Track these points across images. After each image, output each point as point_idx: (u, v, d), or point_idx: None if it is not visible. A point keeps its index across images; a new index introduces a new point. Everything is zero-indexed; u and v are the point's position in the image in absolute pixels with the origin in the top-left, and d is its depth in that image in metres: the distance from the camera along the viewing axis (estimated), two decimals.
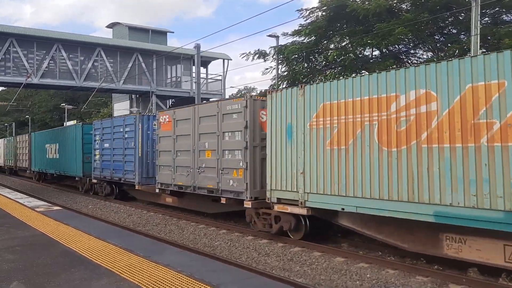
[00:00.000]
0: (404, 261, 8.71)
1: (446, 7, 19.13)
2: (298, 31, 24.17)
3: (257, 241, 10.87)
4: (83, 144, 21.90)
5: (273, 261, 9.17)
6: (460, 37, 20.34)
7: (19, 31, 26.80)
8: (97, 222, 13.18)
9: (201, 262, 8.26)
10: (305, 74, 24.47)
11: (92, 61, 28.54)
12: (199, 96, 24.52)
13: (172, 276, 5.88)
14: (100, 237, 8.56)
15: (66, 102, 51.56)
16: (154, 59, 30.72)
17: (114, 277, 5.80)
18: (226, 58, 33.65)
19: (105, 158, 19.49)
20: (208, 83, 34.14)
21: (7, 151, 40.42)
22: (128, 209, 17.18)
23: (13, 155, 37.40)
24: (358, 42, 21.62)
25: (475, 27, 14.91)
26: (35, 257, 6.97)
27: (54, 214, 12.26)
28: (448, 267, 8.20)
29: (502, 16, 19.90)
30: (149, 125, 17.23)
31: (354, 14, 20.24)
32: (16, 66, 26.19)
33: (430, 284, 7.34)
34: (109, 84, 28.92)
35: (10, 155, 39.24)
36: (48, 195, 22.49)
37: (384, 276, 7.82)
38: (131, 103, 34.27)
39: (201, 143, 13.08)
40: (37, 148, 30.28)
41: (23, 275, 6.02)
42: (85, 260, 6.75)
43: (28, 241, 8.23)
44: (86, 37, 30.27)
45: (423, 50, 23.10)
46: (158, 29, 38.17)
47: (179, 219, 14.38)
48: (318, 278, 7.95)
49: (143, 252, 7.43)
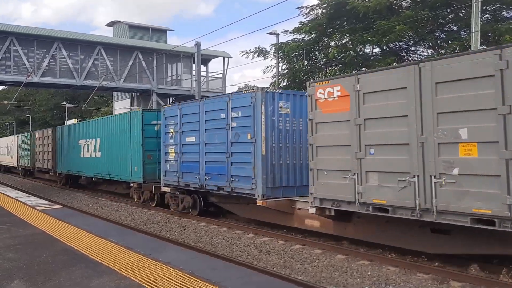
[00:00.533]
0: (405, 259, 8.71)
1: (447, 4, 19.09)
2: (298, 29, 24.11)
3: (258, 239, 10.88)
4: (144, 139, 16.66)
5: (274, 258, 9.18)
6: (461, 34, 20.30)
7: (19, 30, 26.75)
8: (98, 221, 13.20)
9: (202, 260, 8.27)
10: (306, 71, 24.45)
11: (92, 59, 28.49)
12: (199, 94, 24.48)
13: (172, 274, 5.89)
14: (101, 235, 8.58)
15: (67, 101, 51.57)
16: (154, 57, 30.67)
17: (115, 275, 5.81)
18: (226, 56, 33.60)
19: (188, 158, 14.07)
20: (209, 81, 34.09)
21: (22, 149, 35.33)
22: (129, 207, 17.19)
23: (30, 154, 32.04)
24: (358, 39, 21.57)
25: (475, 24, 14.87)
26: (36, 256, 6.98)
27: (55, 212, 12.28)
28: (449, 264, 8.20)
29: (503, 13, 19.85)
30: (275, 107, 11.52)
31: (354, 11, 20.18)
32: (16, 65, 26.15)
33: (431, 281, 7.34)
34: (109, 82, 28.88)
35: (25, 154, 34.12)
36: (49, 193, 22.52)
37: (385, 274, 7.83)
38: (132, 101, 34.25)
39: (449, 129, 7.11)
40: (66, 145, 25.70)
41: (24, 273, 6.03)
42: (86, 258, 6.76)
43: (29, 240, 8.25)
44: (86, 36, 30.23)
45: (424, 47, 23.07)
46: (158, 27, 38.11)
47: (180, 218, 14.39)
48: (319, 275, 7.95)
49: (144, 250, 7.44)
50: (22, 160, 35.30)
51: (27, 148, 33.37)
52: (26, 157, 33.77)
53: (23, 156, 34.85)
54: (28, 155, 32.81)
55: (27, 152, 33.14)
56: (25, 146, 34.11)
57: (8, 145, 42.02)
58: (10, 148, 40.11)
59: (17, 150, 36.97)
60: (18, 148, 36.60)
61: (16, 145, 37.17)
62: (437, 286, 7.14)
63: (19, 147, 36.41)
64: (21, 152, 35.31)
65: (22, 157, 35.07)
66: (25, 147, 33.88)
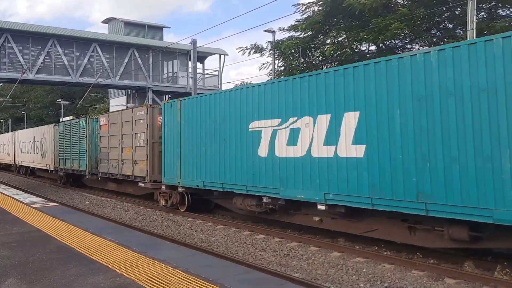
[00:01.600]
0: (400, 256, 8.74)
1: (442, 1, 19.13)
2: (294, 26, 24.13)
3: (254, 237, 10.89)
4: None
5: (270, 256, 9.19)
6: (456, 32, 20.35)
7: (14, 26, 26.60)
8: (93, 218, 13.15)
9: (198, 257, 8.26)
10: (302, 69, 24.46)
11: (88, 56, 28.39)
12: (195, 91, 24.44)
13: (168, 271, 5.88)
14: (96, 233, 8.55)
15: (62, 98, 51.33)
16: (150, 54, 30.59)
17: (110, 273, 5.79)
18: (223, 53, 33.56)
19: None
20: (205, 79, 34.04)
21: (63, 143, 24.05)
22: (125, 205, 17.15)
23: (89, 150, 20.82)
24: (354, 37, 21.61)
25: (471, 22, 14.91)
26: (31, 253, 6.95)
27: (50, 210, 12.23)
28: (444, 261, 8.24)
29: (498, 11, 19.92)
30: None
31: (350, 9, 20.20)
32: (11, 62, 26.01)
33: (426, 278, 7.37)
34: (105, 79, 28.78)
35: (71, 151, 22.74)
36: (45, 191, 22.42)
37: (380, 271, 7.85)
38: (127, 98, 34.16)
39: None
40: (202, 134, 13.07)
41: (19, 271, 6.00)
42: (81, 256, 6.74)
43: (24, 237, 8.21)
44: (81, 33, 30.08)
45: (420, 45, 23.12)
46: (154, 24, 38.02)
47: (175, 215, 14.38)
48: (314, 272, 7.97)
49: (140, 247, 7.42)
50: (62, 160, 24.13)
51: (76, 141, 22.10)
52: (73, 155, 22.44)
53: (65, 154, 23.60)
54: (81, 153, 21.45)
55: (77, 148, 21.88)
56: (71, 138, 22.85)
57: (34, 139, 29.89)
58: (40, 144, 28.44)
59: (51, 145, 25.86)
60: (56, 142, 25.30)
61: (52, 139, 25.78)
62: (432, 283, 7.16)
63: (58, 141, 24.84)
64: (62, 147, 24.08)
65: (64, 155, 23.67)
66: (72, 139, 22.61)
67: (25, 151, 32.27)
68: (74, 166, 22.43)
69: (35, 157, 29.60)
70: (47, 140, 26.95)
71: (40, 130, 29.09)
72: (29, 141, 31.15)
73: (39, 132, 29.21)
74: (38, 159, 28.62)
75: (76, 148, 22.07)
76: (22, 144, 33.14)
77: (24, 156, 32.64)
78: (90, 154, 20.87)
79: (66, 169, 23.68)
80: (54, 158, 25.39)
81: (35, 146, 29.58)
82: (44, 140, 27.62)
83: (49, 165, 26.34)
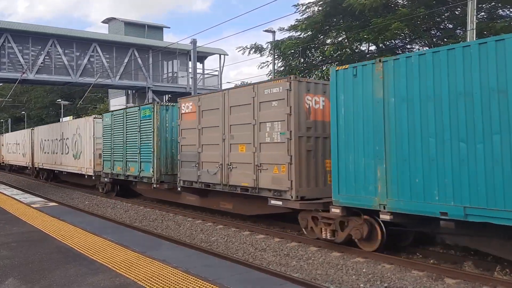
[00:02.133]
0: (400, 256, 8.74)
1: (442, 1, 19.14)
2: (294, 26, 24.13)
3: (253, 237, 10.88)
4: None
5: (270, 256, 9.19)
6: (457, 32, 20.36)
7: (14, 26, 26.62)
8: (93, 218, 13.15)
9: (198, 257, 8.26)
10: (302, 69, 24.47)
11: (88, 56, 28.41)
12: (195, 91, 24.44)
13: (168, 271, 5.88)
14: (96, 233, 8.55)
15: (62, 98, 51.33)
16: (150, 54, 30.60)
17: (110, 273, 5.79)
18: (223, 53, 33.58)
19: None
20: (205, 79, 34.06)
21: (109, 139, 18.41)
22: (125, 205, 17.14)
23: (150, 149, 15.57)
24: (354, 37, 21.63)
25: (471, 22, 14.91)
26: (31, 253, 6.95)
27: (50, 210, 12.24)
28: (443, 261, 8.24)
29: (498, 11, 19.93)
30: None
31: (350, 9, 20.20)
32: (11, 62, 26.04)
33: (426, 278, 7.37)
34: (105, 79, 28.80)
35: (124, 150, 17.28)
36: (45, 191, 22.42)
37: (380, 271, 7.85)
38: (127, 98, 34.18)
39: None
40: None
41: (19, 271, 6.01)
42: (80, 256, 6.74)
43: (23, 237, 8.21)
44: (81, 33, 30.11)
45: (420, 45, 23.13)
46: (154, 24, 38.06)
47: (176, 215, 14.37)
48: (314, 273, 7.96)
49: (139, 247, 7.42)
50: (113, 163, 18.07)
51: (143, 137, 16.05)
52: (134, 157, 16.56)
53: (118, 154, 17.66)
54: (144, 154, 15.88)
55: (143, 147, 15.99)
56: (131, 134, 16.93)
57: (62, 136, 24.25)
58: (71, 142, 22.81)
59: (94, 144, 20.06)
60: (98, 140, 19.80)
61: (91, 135, 20.33)
62: (432, 283, 7.16)
63: (102, 138, 19.13)
64: (113, 147, 18.05)
65: (116, 156, 17.87)
66: (132, 135, 16.79)
67: (48, 151, 26.59)
68: (129, 170, 16.75)
69: (63, 158, 23.87)
70: (82, 137, 21.29)
71: (73, 125, 23.24)
72: (54, 139, 25.48)
73: (70, 127, 23.37)
74: (68, 161, 22.99)
75: (134, 146, 16.42)
76: (44, 143, 27.45)
77: (46, 157, 27.00)
78: (159, 154, 15.19)
79: (114, 174, 17.87)
80: (94, 160, 19.77)
81: (63, 145, 23.90)
82: (77, 137, 21.87)
83: (86, 169, 20.67)
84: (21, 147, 33.82)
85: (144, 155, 15.89)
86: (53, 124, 28.53)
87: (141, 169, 15.99)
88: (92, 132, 20.27)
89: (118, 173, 17.66)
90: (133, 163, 16.58)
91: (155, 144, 15.23)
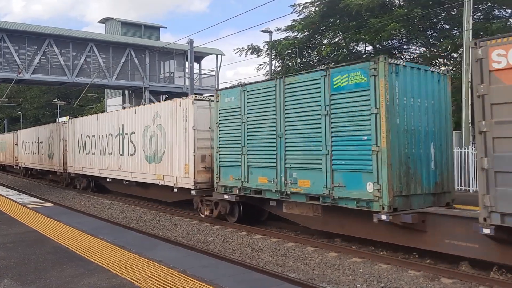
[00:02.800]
0: (397, 256, 8.76)
1: (439, 2, 19.19)
2: (291, 26, 24.17)
3: (250, 237, 10.88)
4: None
5: (267, 256, 9.18)
6: (453, 33, 20.43)
7: (10, 26, 26.52)
8: (89, 219, 13.12)
9: (194, 258, 8.25)
10: (299, 69, 24.47)
11: (84, 56, 28.33)
12: (192, 91, 24.42)
13: (164, 272, 5.86)
14: (93, 234, 8.52)
15: (59, 98, 51.18)
16: (147, 54, 30.55)
17: (106, 274, 5.77)
18: (220, 53, 33.54)
19: None
20: (202, 79, 34.04)
21: (232, 133, 11.78)
22: (122, 205, 17.11)
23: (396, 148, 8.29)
24: (351, 37, 21.66)
25: (467, 22, 14.97)
26: (27, 254, 6.92)
27: (46, 210, 12.19)
28: (440, 261, 8.26)
29: (494, 11, 20.02)
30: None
31: (347, 9, 20.23)
32: (7, 61, 25.93)
33: (422, 278, 7.39)
34: (101, 79, 28.73)
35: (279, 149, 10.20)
36: (41, 191, 22.33)
37: (376, 271, 7.86)
38: (124, 98, 34.09)
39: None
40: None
41: (15, 272, 5.98)
42: (77, 257, 6.71)
43: (19, 238, 8.17)
44: (78, 32, 30.04)
45: (416, 46, 23.20)
46: (151, 24, 37.99)
47: (172, 215, 14.34)
48: (311, 273, 7.97)
49: (136, 248, 7.40)
50: (246, 171, 11.31)
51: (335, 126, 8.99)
52: (306, 162, 9.66)
53: (258, 158, 10.98)
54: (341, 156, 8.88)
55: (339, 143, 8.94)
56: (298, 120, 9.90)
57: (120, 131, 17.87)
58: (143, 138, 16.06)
59: (193, 140, 13.30)
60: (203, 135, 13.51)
61: (191, 126, 13.39)
62: (428, 283, 7.18)
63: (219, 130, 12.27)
64: (245, 144, 11.31)
65: (252, 161, 11.16)
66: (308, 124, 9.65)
67: (93, 151, 20.17)
68: (293, 185, 9.90)
69: (124, 161, 17.34)
70: (165, 129, 14.71)
71: (145, 113, 16.06)
72: (106, 134, 18.98)
73: (140, 116, 16.37)
74: (136, 166, 16.49)
75: (308, 142, 9.67)
76: (86, 141, 21.05)
77: (89, 160, 20.54)
78: (389, 157, 8.16)
79: (247, 189, 11.25)
80: (194, 165, 13.16)
81: (124, 142, 17.44)
82: (155, 130, 15.28)
83: (176, 178, 13.96)
84: (45, 146, 26.97)
85: (344, 158, 8.88)
86: (104, 114, 21.10)
87: (336, 184, 8.94)
88: (188, 122, 13.50)
89: (259, 187, 10.92)
90: (306, 173, 9.68)
91: (382, 138, 8.18)
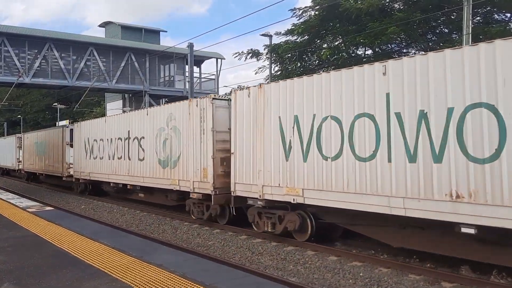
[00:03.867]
0: (397, 260, 8.74)
1: (438, 6, 19.24)
2: (291, 30, 24.22)
3: (250, 241, 10.86)
4: None
5: (267, 260, 9.17)
6: (452, 37, 20.48)
7: (10, 30, 26.56)
8: (89, 222, 13.10)
9: (194, 262, 8.24)
10: (298, 73, 24.51)
11: (84, 60, 28.36)
12: (192, 95, 24.44)
13: (164, 276, 5.86)
14: (93, 237, 8.51)
15: (59, 102, 51.16)
16: (147, 58, 30.58)
17: (106, 278, 5.76)
18: (219, 57, 33.58)
19: None
20: (202, 82, 34.07)
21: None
22: (121, 209, 17.09)
23: None
24: (351, 41, 21.71)
25: (466, 26, 15.00)
26: (26, 258, 6.91)
27: (46, 214, 12.17)
28: (440, 265, 8.25)
29: (494, 15, 20.07)
30: None
31: (346, 13, 20.28)
32: (7, 65, 25.95)
33: (423, 282, 7.38)
34: (101, 83, 28.75)
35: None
36: (40, 195, 22.31)
37: (377, 275, 7.85)
38: (124, 102, 34.11)
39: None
40: None
41: (14, 276, 5.97)
42: (77, 261, 6.70)
43: (19, 242, 8.16)
44: (78, 36, 30.10)
45: (416, 50, 23.23)
46: (151, 28, 38.02)
47: (172, 219, 14.32)
48: (311, 277, 7.95)
49: (136, 252, 7.39)
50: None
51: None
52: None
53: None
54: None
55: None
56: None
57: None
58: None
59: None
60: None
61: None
62: (429, 287, 7.17)
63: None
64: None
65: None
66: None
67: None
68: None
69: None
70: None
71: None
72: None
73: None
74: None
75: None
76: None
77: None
78: None
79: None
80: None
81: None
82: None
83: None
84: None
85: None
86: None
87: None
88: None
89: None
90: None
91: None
